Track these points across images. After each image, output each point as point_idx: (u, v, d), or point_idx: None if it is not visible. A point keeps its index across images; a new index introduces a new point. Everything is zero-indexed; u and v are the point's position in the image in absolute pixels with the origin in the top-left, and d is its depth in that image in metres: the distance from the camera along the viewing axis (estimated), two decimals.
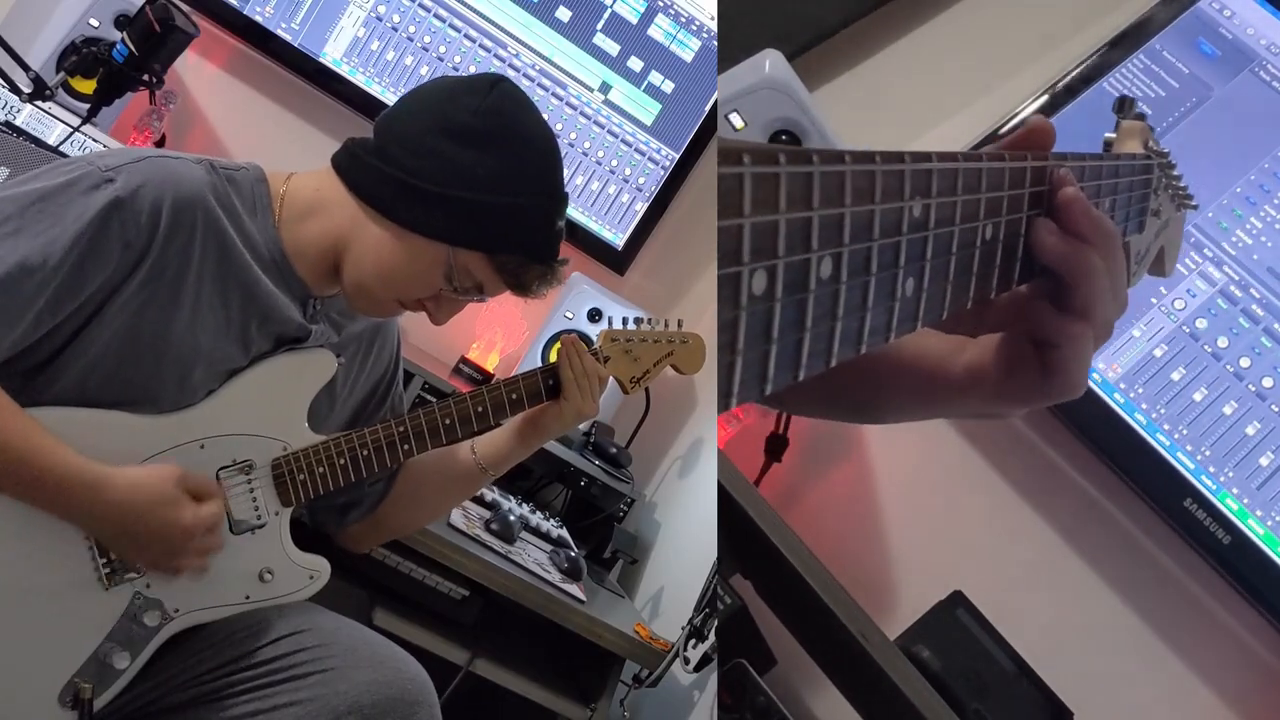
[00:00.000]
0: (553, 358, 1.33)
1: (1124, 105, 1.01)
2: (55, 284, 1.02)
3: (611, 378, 1.32)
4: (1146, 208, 0.94)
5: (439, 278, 1.16)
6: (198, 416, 1.15)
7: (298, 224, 1.18)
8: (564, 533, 1.95)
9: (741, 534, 1.48)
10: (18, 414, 1.04)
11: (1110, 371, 1.81)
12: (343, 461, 1.21)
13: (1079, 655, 1.76)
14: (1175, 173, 1.04)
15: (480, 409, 1.26)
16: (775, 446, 1.95)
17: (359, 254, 1.17)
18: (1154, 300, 1.85)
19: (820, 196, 0.44)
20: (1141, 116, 1.01)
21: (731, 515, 1.48)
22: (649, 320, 1.34)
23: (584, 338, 2.11)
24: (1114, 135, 0.99)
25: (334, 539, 1.39)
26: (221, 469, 1.17)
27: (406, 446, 1.24)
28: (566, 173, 2.26)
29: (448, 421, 1.25)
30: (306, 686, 1.18)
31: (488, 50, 2.16)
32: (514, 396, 1.27)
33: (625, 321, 1.34)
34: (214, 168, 1.15)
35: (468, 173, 1.13)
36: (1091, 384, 1.81)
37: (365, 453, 1.22)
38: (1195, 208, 1.11)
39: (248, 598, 1.21)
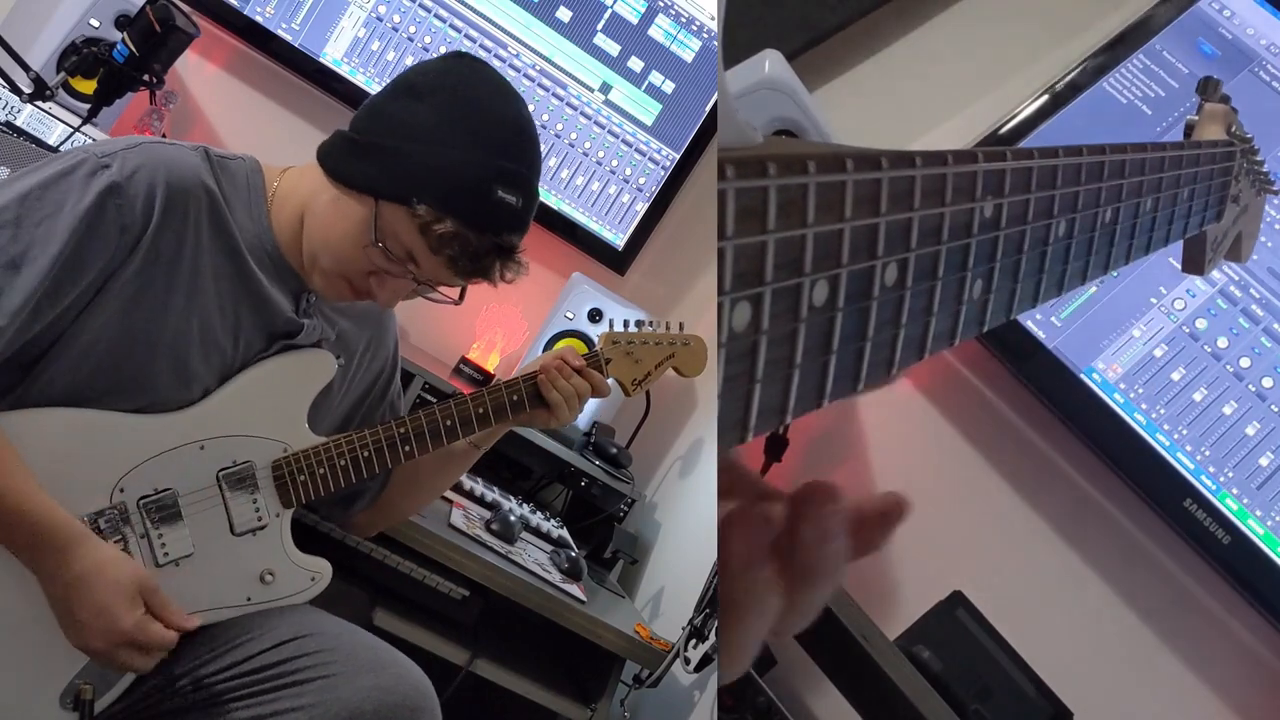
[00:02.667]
0: None
1: (1207, 87, 0.98)
2: (54, 272, 1.03)
3: (613, 379, 1.32)
4: (1226, 195, 0.91)
5: (369, 239, 1.13)
6: (197, 417, 1.15)
7: (289, 216, 1.18)
8: (564, 533, 1.95)
9: None
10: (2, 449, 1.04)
11: (1110, 371, 1.81)
12: (343, 463, 1.21)
13: (1079, 655, 1.76)
14: (1258, 157, 1.01)
15: (481, 410, 1.26)
16: (775, 446, 1.95)
17: (309, 223, 1.16)
18: (1154, 300, 1.85)
19: (888, 201, 0.42)
20: (1225, 99, 0.98)
21: None
22: (650, 322, 1.33)
23: (584, 338, 2.12)
24: (1196, 118, 0.96)
25: (341, 527, 1.40)
26: (222, 470, 1.17)
27: (407, 448, 1.23)
28: (567, 173, 2.25)
29: (448, 423, 1.24)
30: (309, 692, 1.18)
31: (488, 51, 2.16)
32: (515, 398, 1.27)
33: (626, 324, 1.33)
34: (209, 155, 1.16)
35: (396, 121, 1.12)
36: (1091, 384, 1.81)
37: (366, 454, 1.22)
38: (1276, 192, 1.08)
39: (249, 599, 1.20)
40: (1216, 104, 0.96)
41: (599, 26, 2.20)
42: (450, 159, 1.10)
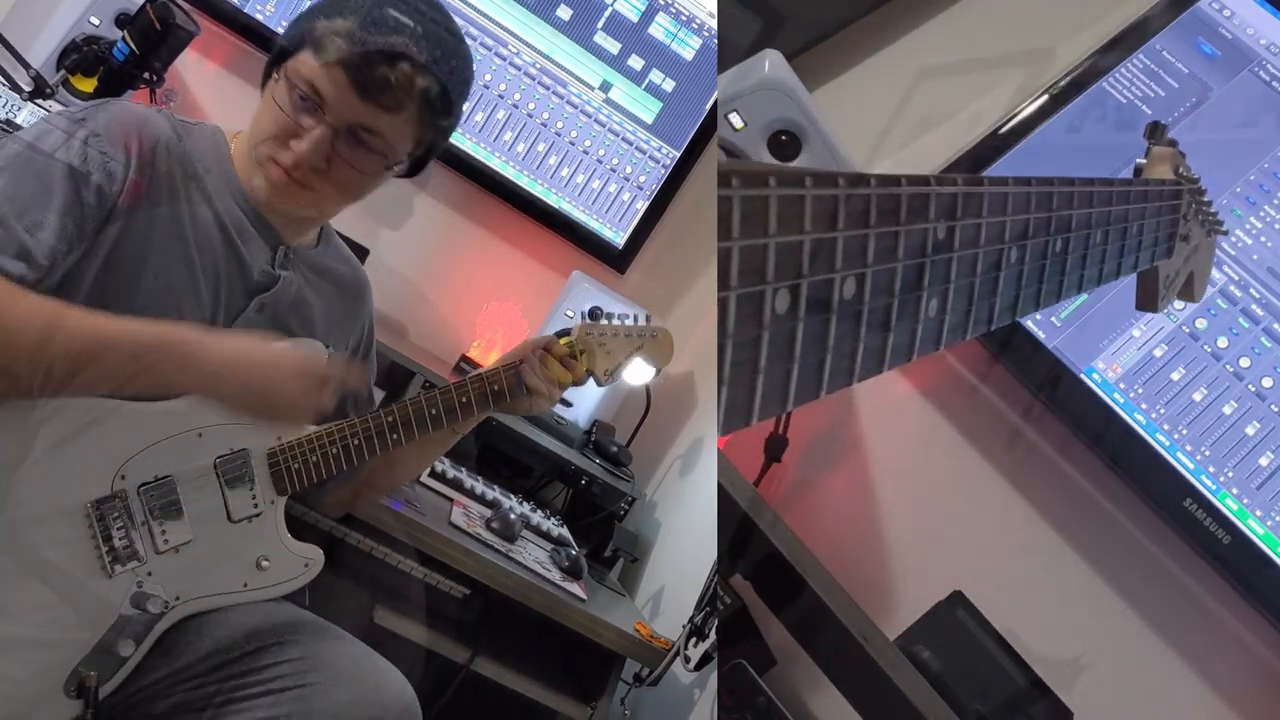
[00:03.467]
0: None
1: (1155, 131, 1.02)
2: (61, 221, 1.07)
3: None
4: (1175, 233, 0.94)
5: (280, 98, 1.18)
6: (194, 404, 1.17)
7: (248, 163, 1.23)
8: (565, 531, 1.95)
9: (741, 534, 1.48)
10: (84, 311, 1.07)
11: (1110, 371, 1.81)
12: (334, 450, 1.24)
13: (1079, 655, 1.76)
14: (1205, 198, 1.04)
15: (465, 400, 1.29)
16: (775, 446, 1.95)
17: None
18: None
19: (845, 218, 0.45)
20: (1173, 143, 1.02)
21: (731, 515, 1.48)
22: (619, 316, 1.40)
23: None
24: (1145, 161, 1.00)
25: (316, 507, 1.44)
26: (219, 457, 1.19)
27: (395, 435, 1.27)
28: (567, 170, 2.25)
29: (434, 412, 1.28)
30: (285, 702, 1.17)
31: (488, 49, 2.16)
32: (496, 388, 1.30)
33: (596, 316, 1.41)
34: (172, 118, 1.21)
35: (304, 11, 1.21)
36: (1091, 384, 1.81)
37: (355, 441, 1.25)
38: (1225, 233, 1.12)
39: (245, 585, 1.22)
40: (1164, 146, 1.01)
41: (599, 24, 2.20)
42: (348, 3, 1.17)
